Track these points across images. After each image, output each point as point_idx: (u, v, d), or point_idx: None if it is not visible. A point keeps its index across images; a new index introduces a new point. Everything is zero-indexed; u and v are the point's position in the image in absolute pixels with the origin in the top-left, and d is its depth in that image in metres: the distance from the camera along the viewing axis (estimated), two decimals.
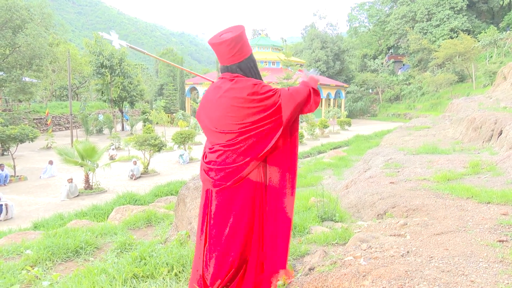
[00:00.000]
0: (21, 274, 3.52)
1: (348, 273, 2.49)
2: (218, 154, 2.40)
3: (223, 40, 2.40)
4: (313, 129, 27.04)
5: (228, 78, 2.44)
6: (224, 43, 2.40)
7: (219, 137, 2.41)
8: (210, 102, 2.47)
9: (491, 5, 49.22)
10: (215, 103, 2.43)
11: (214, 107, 2.43)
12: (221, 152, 2.39)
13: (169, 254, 3.33)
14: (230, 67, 2.47)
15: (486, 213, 4.03)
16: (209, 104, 2.47)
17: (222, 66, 2.50)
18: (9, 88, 24.73)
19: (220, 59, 2.49)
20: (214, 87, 2.51)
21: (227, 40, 2.39)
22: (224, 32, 2.49)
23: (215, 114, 2.42)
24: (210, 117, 2.46)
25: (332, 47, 51.22)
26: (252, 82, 2.40)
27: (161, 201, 9.21)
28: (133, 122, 32.00)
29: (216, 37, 2.47)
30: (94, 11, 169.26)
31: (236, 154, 2.36)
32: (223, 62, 2.48)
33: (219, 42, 2.41)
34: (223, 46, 2.42)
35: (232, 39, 2.39)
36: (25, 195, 12.35)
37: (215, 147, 2.43)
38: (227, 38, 2.40)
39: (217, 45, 2.44)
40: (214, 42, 2.44)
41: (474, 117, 12.22)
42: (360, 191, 6.53)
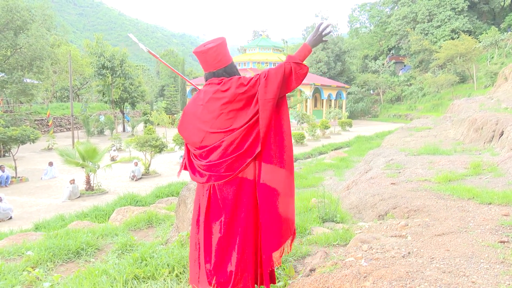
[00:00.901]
0: (22, 275, 3.52)
1: (349, 274, 2.48)
2: (221, 149, 2.49)
3: (210, 47, 2.61)
4: (314, 130, 27.04)
5: (216, 82, 2.60)
6: (211, 50, 2.61)
7: (215, 137, 2.51)
8: (199, 107, 2.60)
9: (492, 6, 49.17)
10: (206, 106, 2.57)
11: (206, 110, 2.56)
12: (223, 147, 2.48)
13: (170, 255, 3.33)
14: (216, 72, 2.64)
15: (488, 214, 4.02)
16: (199, 109, 2.60)
17: (208, 73, 2.68)
18: (11, 90, 24.79)
19: (205, 66, 2.68)
20: (204, 91, 2.65)
21: (213, 47, 2.61)
22: (208, 43, 2.69)
23: (209, 116, 2.54)
24: (203, 120, 2.56)
25: (333, 48, 51.22)
26: (236, 78, 2.57)
27: (162, 202, 9.21)
28: (134, 123, 32.05)
29: (201, 47, 2.68)
30: (95, 13, 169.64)
31: (234, 146, 2.47)
32: (209, 68, 2.66)
33: (206, 49, 2.61)
34: (210, 52, 2.61)
35: (218, 46, 2.61)
36: (26, 196, 12.36)
37: (216, 144, 2.50)
38: (214, 45, 2.61)
39: (204, 52, 2.63)
40: (201, 50, 2.63)
41: (475, 118, 12.21)
42: (361, 192, 6.52)
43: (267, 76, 2.49)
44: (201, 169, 2.57)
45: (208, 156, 2.54)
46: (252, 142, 2.48)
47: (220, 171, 2.47)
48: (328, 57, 50.35)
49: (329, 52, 50.73)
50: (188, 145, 2.72)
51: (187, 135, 2.67)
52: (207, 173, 2.52)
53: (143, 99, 36.82)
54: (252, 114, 2.47)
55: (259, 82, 2.49)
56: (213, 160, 2.50)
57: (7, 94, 26.65)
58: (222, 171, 2.47)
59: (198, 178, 2.60)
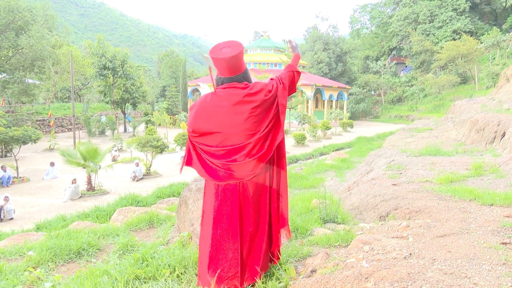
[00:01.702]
0: (24, 275, 3.52)
1: (351, 275, 2.48)
2: (251, 147, 2.70)
3: (235, 53, 2.72)
4: (315, 131, 27.03)
5: (240, 86, 2.75)
6: (234, 58, 2.73)
7: (239, 138, 2.70)
8: (224, 108, 2.73)
9: (494, 6, 49.13)
10: (234, 108, 2.72)
11: (233, 112, 2.71)
12: (249, 148, 2.70)
13: (171, 256, 3.33)
14: (236, 77, 2.79)
15: (489, 215, 4.01)
16: (224, 110, 2.73)
17: (226, 77, 2.80)
18: (12, 90, 24.82)
19: (224, 71, 2.79)
20: (227, 93, 2.75)
21: (236, 55, 2.73)
22: (223, 46, 2.80)
23: (237, 118, 2.70)
24: (229, 121, 2.71)
25: (334, 49, 51.24)
26: (262, 84, 2.77)
27: (163, 203, 9.22)
28: (135, 123, 32.08)
29: (219, 52, 2.77)
30: (97, 13, 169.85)
31: (258, 147, 2.71)
32: (228, 74, 2.79)
33: (229, 57, 2.71)
34: (232, 60, 2.73)
35: (239, 53, 2.74)
36: (28, 196, 12.37)
37: (243, 144, 2.70)
38: (238, 51, 2.74)
39: (226, 60, 2.72)
40: (224, 57, 2.72)
41: (477, 118, 12.20)
42: (362, 193, 6.52)
43: (283, 83, 2.79)
44: (221, 168, 2.70)
45: (227, 156, 2.70)
46: (269, 144, 2.74)
47: (245, 170, 2.68)
48: (329, 58, 50.35)
49: (330, 53, 50.74)
50: (198, 142, 2.80)
51: (203, 133, 2.76)
52: (230, 172, 2.69)
53: (144, 100, 36.86)
54: (271, 118, 2.73)
55: (277, 89, 2.76)
56: (239, 160, 2.68)
57: (9, 94, 26.69)
58: (247, 170, 2.68)
59: (215, 176, 2.73)
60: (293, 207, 5.81)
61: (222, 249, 2.72)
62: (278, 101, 2.75)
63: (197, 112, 2.79)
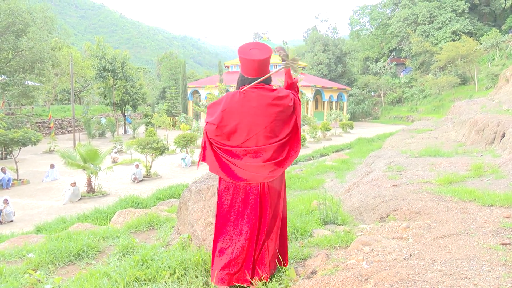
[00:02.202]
0: (24, 277, 3.52)
1: (351, 277, 2.48)
2: (266, 153, 2.79)
3: (268, 56, 2.82)
4: (315, 132, 27.03)
5: (269, 89, 2.83)
6: (268, 59, 2.83)
7: (265, 140, 2.77)
8: (252, 108, 2.78)
9: (493, 7, 49.19)
10: (264, 109, 2.78)
11: (262, 113, 2.78)
12: (273, 151, 2.79)
13: (171, 258, 3.33)
14: (264, 80, 2.85)
15: (489, 216, 4.01)
16: (252, 110, 2.78)
17: (253, 78, 2.83)
18: (12, 92, 24.83)
19: (253, 71, 2.83)
20: (257, 94, 2.80)
21: (269, 56, 2.83)
22: (251, 47, 2.87)
23: (265, 120, 2.77)
24: (257, 122, 2.76)
25: (334, 50, 51.27)
26: (286, 91, 2.88)
27: (163, 205, 9.21)
28: (136, 125, 32.08)
29: (254, 53, 2.82)
30: (96, 15, 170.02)
31: (282, 148, 2.83)
32: (256, 74, 2.83)
33: (266, 57, 2.81)
34: (265, 61, 2.83)
35: (270, 56, 2.84)
36: (28, 199, 12.37)
37: (265, 147, 2.77)
38: (270, 54, 2.84)
39: (262, 60, 2.80)
40: (261, 58, 2.79)
41: (476, 119, 12.20)
42: (362, 194, 6.52)
43: (299, 99, 2.93)
44: (240, 167, 2.75)
45: (248, 156, 2.77)
46: (288, 151, 2.85)
47: (263, 173, 2.76)
48: (329, 59, 50.38)
49: (330, 54, 50.78)
50: (219, 140, 2.83)
51: (228, 132, 2.79)
52: (249, 173, 2.75)
53: (144, 101, 36.86)
54: (291, 126, 2.83)
55: (296, 101, 2.87)
56: (258, 163, 2.75)
57: (9, 96, 26.70)
58: (264, 173, 2.76)
59: (233, 176, 2.77)
60: (293, 209, 5.81)
61: (239, 246, 2.78)
62: (297, 113, 2.85)
63: (226, 109, 2.78)
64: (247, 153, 2.77)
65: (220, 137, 2.81)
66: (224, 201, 2.86)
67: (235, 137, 2.78)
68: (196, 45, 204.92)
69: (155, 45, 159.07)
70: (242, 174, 2.75)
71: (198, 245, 3.70)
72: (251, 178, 2.75)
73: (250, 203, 2.79)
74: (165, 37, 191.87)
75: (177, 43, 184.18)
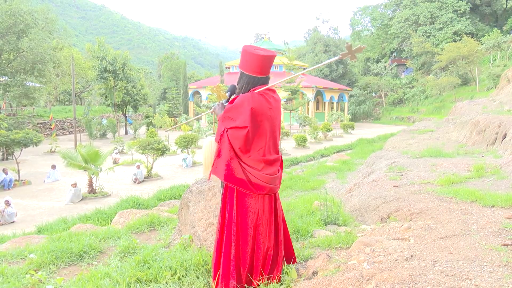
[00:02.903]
0: (25, 278, 3.52)
1: (352, 277, 2.48)
2: (279, 162, 2.88)
3: (275, 53, 2.88)
4: (316, 133, 27.02)
5: (273, 90, 2.87)
6: (274, 57, 2.83)
7: (275, 143, 2.82)
8: (274, 110, 2.83)
9: (495, 8, 49.14)
10: (278, 112, 2.87)
11: (277, 117, 2.84)
12: (279, 159, 2.89)
13: (173, 258, 3.33)
14: (268, 78, 2.90)
15: (491, 216, 4.01)
16: (274, 113, 2.81)
17: (263, 77, 2.84)
18: (13, 93, 24.87)
19: (265, 70, 2.82)
20: (271, 96, 2.84)
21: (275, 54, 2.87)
22: (257, 47, 2.84)
23: (279, 122, 2.88)
24: (276, 125, 2.84)
25: (335, 51, 51.31)
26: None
27: (164, 205, 9.22)
28: (137, 126, 32.10)
29: (266, 51, 2.81)
30: (97, 16, 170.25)
31: (281, 157, 2.95)
32: (265, 73, 2.84)
33: (274, 55, 2.81)
34: (273, 59, 2.84)
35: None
36: (29, 199, 12.38)
37: (273, 156, 2.81)
38: (275, 54, 2.86)
39: (273, 57, 2.81)
40: (274, 54, 2.82)
41: (478, 120, 12.19)
42: (363, 194, 6.51)
43: None
44: (264, 181, 2.73)
45: (269, 166, 2.79)
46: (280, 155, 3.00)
47: (278, 182, 2.85)
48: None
49: (331, 55, 50.81)
50: (244, 147, 2.70)
51: (253, 136, 2.72)
52: (271, 185, 2.77)
53: (145, 102, 36.87)
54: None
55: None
56: (277, 173, 2.82)
57: (10, 97, 26.74)
58: (279, 182, 2.87)
59: (258, 188, 2.74)
60: (294, 209, 5.81)
61: (261, 249, 2.82)
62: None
63: (254, 108, 2.65)
64: (267, 165, 2.76)
65: (246, 144, 2.66)
66: (248, 210, 2.76)
67: (257, 142, 2.70)
68: (197, 46, 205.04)
69: (156, 46, 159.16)
70: (264, 184, 2.73)
71: (199, 245, 3.70)
72: (272, 189, 2.79)
73: (268, 209, 2.85)
74: (166, 38, 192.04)
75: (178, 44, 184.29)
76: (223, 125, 2.70)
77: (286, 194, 9.57)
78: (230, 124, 2.67)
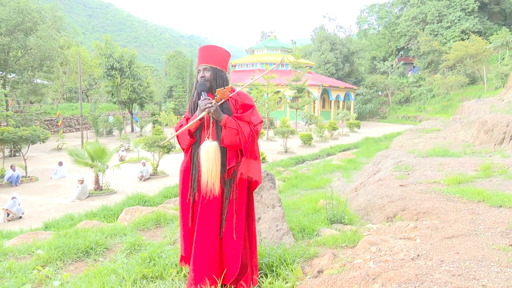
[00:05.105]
0: (32, 273, 3.55)
1: (358, 276, 2.47)
2: None
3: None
4: (322, 131, 26.96)
5: None
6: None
7: None
8: None
9: (503, 6, 48.65)
10: None
11: None
12: None
13: (178, 255, 3.34)
14: None
15: (498, 216, 3.98)
16: None
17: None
18: (21, 90, 25.03)
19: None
20: None
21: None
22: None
23: None
24: None
25: (341, 49, 51.10)
26: None
27: (170, 202, 9.24)
28: (143, 123, 32.23)
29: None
30: (104, 14, 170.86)
31: None
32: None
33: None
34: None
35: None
36: (36, 196, 12.48)
37: None
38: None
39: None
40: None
41: (485, 119, 12.09)
42: (369, 193, 6.49)
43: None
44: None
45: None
46: None
47: None
48: (336, 58, 50.22)
49: (338, 53, 50.63)
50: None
51: None
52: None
53: (151, 100, 37.01)
54: None
55: None
56: None
57: (18, 94, 26.92)
58: None
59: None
60: (300, 208, 5.81)
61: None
62: None
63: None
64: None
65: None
66: (252, 203, 2.97)
67: None
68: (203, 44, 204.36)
69: (162, 44, 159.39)
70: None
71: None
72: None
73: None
74: (172, 35, 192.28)
75: (184, 41, 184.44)
76: (254, 119, 2.75)
77: (291, 192, 9.56)
78: (259, 119, 2.78)
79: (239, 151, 2.74)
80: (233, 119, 2.69)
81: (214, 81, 2.80)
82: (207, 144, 2.70)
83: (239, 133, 2.66)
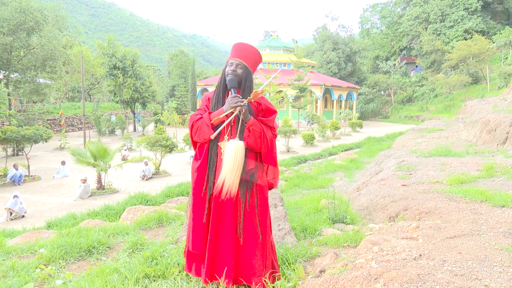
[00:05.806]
0: (35, 272, 3.56)
1: (360, 276, 2.47)
2: None
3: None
4: (324, 131, 26.93)
5: None
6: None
7: None
8: None
9: (507, 5, 48.45)
10: None
11: None
12: None
13: (180, 254, 3.35)
14: None
15: (501, 216, 3.97)
16: None
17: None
18: (24, 89, 25.10)
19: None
20: None
21: None
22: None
23: None
24: None
25: (344, 49, 51.01)
26: None
27: (172, 202, 9.26)
28: (145, 123, 32.27)
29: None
30: (107, 13, 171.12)
31: None
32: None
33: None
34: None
35: None
36: (39, 195, 12.52)
37: None
38: None
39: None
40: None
41: (488, 119, 12.06)
42: (371, 193, 6.48)
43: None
44: None
45: None
46: None
47: None
48: (338, 58, 50.14)
49: (340, 53, 50.54)
50: None
51: None
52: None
53: (154, 99, 37.06)
54: None
55: None
56: None
57: (21, 93, 27.00)
58: None
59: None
60: (302, 207, 5.81)
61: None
62: None
63: None
64: None
65: None
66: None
67: None
68: (206, 43, 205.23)
69: (165, 43, 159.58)
70: None
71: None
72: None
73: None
74: (174, 35, 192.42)
75: (186, 41, 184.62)
76: (273, 128, 2.76)
77: (293, 192, 9.56)
78: (276, 127, 2.80)
79: (258, 154, 2.71)
80: (258, 122, 2.65)
81: (244, 80, 2.76)
82: (234, 143, 2.57)
83: (262, 137, 2.62)
